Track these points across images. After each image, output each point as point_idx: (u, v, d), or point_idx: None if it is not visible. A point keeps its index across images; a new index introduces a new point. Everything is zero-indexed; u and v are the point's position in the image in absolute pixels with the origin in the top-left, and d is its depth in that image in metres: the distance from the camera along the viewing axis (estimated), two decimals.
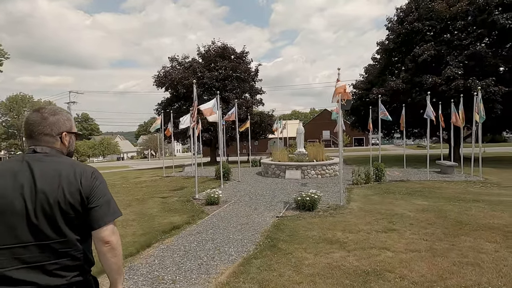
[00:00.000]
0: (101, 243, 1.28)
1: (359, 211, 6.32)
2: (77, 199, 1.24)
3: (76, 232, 1.26)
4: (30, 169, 1.23)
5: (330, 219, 5.73)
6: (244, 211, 6.76)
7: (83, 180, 1.27)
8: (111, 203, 1.33)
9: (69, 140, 1.42)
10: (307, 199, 6.47)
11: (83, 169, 1.31)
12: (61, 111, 1.43)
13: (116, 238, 1.31)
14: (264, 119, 24.59)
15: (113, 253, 1.30)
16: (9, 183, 1.21)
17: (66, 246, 1.23)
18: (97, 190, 1.29)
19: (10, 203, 1.19)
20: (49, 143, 1.34)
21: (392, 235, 4.67)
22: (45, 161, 1.27)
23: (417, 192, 8.48)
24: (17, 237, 1.18)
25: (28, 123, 1.34)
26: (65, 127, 1.39)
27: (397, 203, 7.12)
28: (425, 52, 16.61)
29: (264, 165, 14.08)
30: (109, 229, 1.28)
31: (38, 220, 1.19)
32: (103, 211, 1.28)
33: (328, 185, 10.31)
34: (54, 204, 1.20)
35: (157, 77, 24.66)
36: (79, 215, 1.25)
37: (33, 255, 1.19)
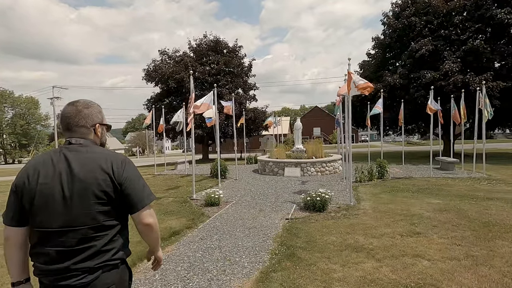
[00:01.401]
0: (141, 225, 1.39)
1: (373, 212, 5.87)
2: (109, 185, 1.30)
3: (110, 218, 1.32)
4: (66, 159, 1.31)
5: (345, 221, 5.24)
6: (248, 212, 6.20)
7: (114, 167, 1.32)
8: (145, 188, 1.40)
9: (101, 131, 1.49)
10: (318, 199, 5.97)
11: (114, 157, 1.37)
12: (93, 104, 1.48)
13: (154, 220, 1.42)
14: (258, 115, 23.99)
15: (153, 233, 1.44)
16: (50, 172, 1.29)
17: (101, 231, 1.30)
18: (129, 176, 1.35)
19: (52, 190, 1.27)
20: (84, 134, 1.41)
21: (420, 240, 4.22)
22: (80, 151, 1.34)
23: (425, 190, 8.12)
24: (57, 221, 1.26)
25: (65, 116, 1.40)
26: (97, 119, 1.46)
27: (410, 202, 6.72)
28: (423, 47, 16.39)
29: (261, 163, 13.53)
30: (147, 213, 1.38)
31: (75, 206, 1.26)
32: (139, 195, 1.35)
33: (331, 183, 9.87)
34: (89, 191, 1.27)
35: (147, 71, 23.68)
36: (112, 201, 1.31)
37: (71, 238, 1.26)
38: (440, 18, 17.21)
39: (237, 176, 11.89)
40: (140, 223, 1.38)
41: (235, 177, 11.78)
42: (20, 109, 53.39)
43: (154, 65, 23.68)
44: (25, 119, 53.48)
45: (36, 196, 1.28)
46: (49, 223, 1.26)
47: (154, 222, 1.41)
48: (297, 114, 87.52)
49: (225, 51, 24.61)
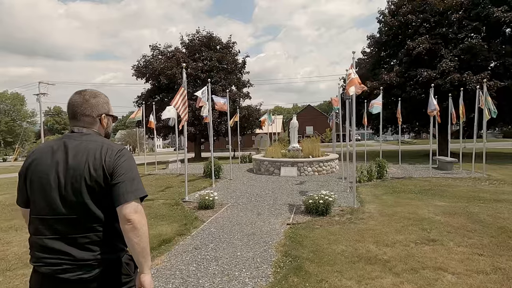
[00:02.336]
0: (123, 221, 1.24)
1: (380, 216, 5.48)
2: (100, 175, 1.25)
3: (103, 209, 1.27)
4: (65, 147, 1.30)
5: (352, 227, 4.84)
6: (246, 217, 5.74)
7: (107, 157, 1.27)
8: (136, 181, 1.29)
9: (107, 122, 1.47)
10: (320, 202, 5.55)
11: (110, 146, 1.32)
12: (100, 94, 1.45)
13: (139, 217, 1.25)
14: (252, 113, 23.51)
15: (135, 233, 1.24)
16: (48, 160, 1.29)
17: (93, 221, 1.25)
18: (120, 167, 1.28)
19: (48, 177, 1.27)
20: (89, 124, 1.39)
21: (437, 249, 3.84)
22: (79, 139, 1.32)
23: (428, 191, 7.82)
24: (53, 209, 1.25)
25: (71, 104, 1.39)
26: (104, 110, 1.44)
27: (415, 204, 6.37)
28: (420, 45, 16.17)
29: (256, 162, 13.08)
30: (131, 207, 1.24)
31: (68, 195, 1.24)
32: (125, 188, 1.25)
33: (330, 184, 9.50)
34: (81, 180, 1.24)
35: (137, 67, 22.91)
36: (104, 192, 1.26)
37: (65, 227, 1.24)
38: (436, 16, 17.03)
39: (232, 176, 11.41)
40: (122, 219, 1.23)
41: (229, 177, 11.31)
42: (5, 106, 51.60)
43: (145, 60, 22.93)
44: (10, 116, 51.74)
45: (34, 183, 1.29)
46: (45, 210, 1.26)
47: (138, 220, 1.24)
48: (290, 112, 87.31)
49: (219, 47, 24.01)
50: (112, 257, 1.28)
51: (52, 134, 68.77)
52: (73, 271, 1.22)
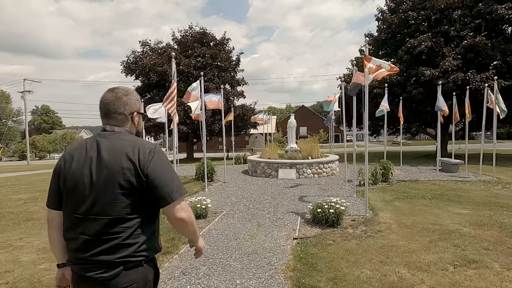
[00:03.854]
0: (173, 221, 1.28)
1: (399, 227, 4.75)
2: (134, 175, 1.22)
3: (134, 210, 1.24)
4: (97, 146, 1.28)
5: (371, 243, 4.08)
6: (244, 228, 4.94)
7: (140, 156, 1.24)
8: (175, 181, 1.29)
9: (138, 120, 1.45)
10: (331, 212, 4.79)
11: (142, 145, 1.29)
12: (132, 91, 1.45)
13: (188, 214, 1.29)
14: (246, 112, 22.70)
15: (187, 227, 1.33)
16: (82, 158, 1.28)
17: (124, 222, 1.22)
18: (156, 168, 1.25)
19: (81, 175, 1.25)
20: (121, 122, 1.38)
21: (483, 273, 3.11)
22: (111, 138, 1.31)
23: (442, 196, 7.15)
24: (85, 209, 1.23)
25: (104, 102, 1.38)
26: (135, 107, 1.43)
27: (434, 212, 5.68)
28: (422, 43, 15.63)
29: (252, 163, 12.29)
30: (178, 207, 1.26)
31: (101, 194, 1.22)
32: (168, 188, 1.24)
33: (332, 187, 8.77)
34: (113, 179, 1.21)
35: (126, 63, 21.88)
36: (137, 192, 1.23)
37: (96, 227, 1.21)
38: (438, 13, 16.53)
39: (226, 179, 10.59)
40: (172, 218, 1.27)
41: (223, 180, 10.48)
42: None
43: (134, 56, 21.92)
44: None
45: (67, 181, 1.28)
46: (77, 209, 1.25)
47: (187, 216, 1.29)
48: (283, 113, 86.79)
49: (212, 44, 23.16)
50: (136, 259, 1.25)
51: (39, 133, 66.68)
52: (93, 270, 1.22)
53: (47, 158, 51.23)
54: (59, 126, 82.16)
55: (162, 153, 1.32)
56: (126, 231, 1.22)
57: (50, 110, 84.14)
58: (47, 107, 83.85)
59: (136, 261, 1.24)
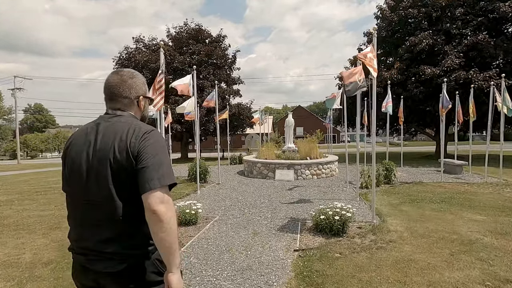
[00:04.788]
0: (147, 212, 1.08)
1: (412, 237, 4.24)
2: (124, 158, 1.13)
3: (129, 196, 1.13)
4: (96, 129, 1.22)
5: (383, 256, 3.55)
6: (238, 237, 4.39)
7: (132, 138, 1.15)
8: (163, 166, 1.13)
9: (144, 104, 1.38)
10: (336, 219, 4.26)
11: (138, 127, 1.20)
12: (137, 74, 1.38)
13: (165, 209, 1.07)
14: (243, 111, 22.14)
15: (160, 227, 1.06)
16: (81, 141, 1.23)
17: (117, 210, 1.13)
18: (145, 150, 1.13)
19: (80, 159, 1.20)
20: (126, 106, 1.31)
21: None
22: (110, 121, 1.25)
23: (451, 200, 6.67)
24: (82, 193, 1.17)
25: (108, 85, 1.32)
26: (141, 91, 1.36)
27: (446, 218, 5.18)
28: (423, 41, 15.21)
29: (248, 164, 11.74)
30: (156, 196, 1.07)
31: (94, 179, 1.15)
32: (149, 173, 1.09)
33: (333, 190, 8.25)
34: (106, 163, 1.14)
35: (118, 59, 21.18)
36: (129, 177, 1.12)
37: (92, 214, 1.16)
38: (439, 10, 16.14)
39: (220, 180, 10.02)
40: (147, 210, 1.07)
41: (217, 181, 9.92)
42: None
43: (127, 53, 21.23)
44: None
45: (68, 165, 1.24)
46: (76, 195, 1.21)
47: (164, 212, 1.06)
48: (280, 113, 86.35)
49: (208, 41, 22.56)
50: (140, 252, 1.14)
51: (31, 132, 65.41)
52: (99, 262, 1.13)
53: (39, 157, 50.14)
54: (52, 124, 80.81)
55: (159, 136, 1.21)
56: (125, 219, 1.13)
57: (43, 109, 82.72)
58: (40, 105, 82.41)
59: (141, 253, 1.15)
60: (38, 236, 4.55)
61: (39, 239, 4.41)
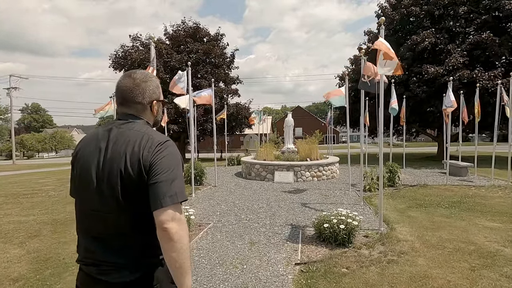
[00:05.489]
0: (159, 230, 1.02)
1: (425, 247, 3.85)
2: (136, 171, 1.07)
3: (138, 209, 1.07)
4: (108, 136, 1.16)
5: (395, 271, 3.16)
6: (234, 248, 3.98)
7: (145, 150, 1.09)
8: (176, 182, 1.07)
9: (157, 109, 1.29)
10: (341, 228, 3.86)
11: (152, 137, 1.13)
12: (151, 76, 1.28)
13: (177, 227, 1.01)
14: (241, 111, 21.73)
15: (171, 246, 1.00)
16: (91, 149, 1.17)
17: (127, 221, 1.08)
18: (158, 163, 1.07)
19: (89, 167, 1.14)
20: (139, 111, 1.23)
21: None
22: (122, 128, 1.18)
23: (460, 205, 6.29)
24: (92, 203, 1.12)
25: (121, 89, 1.22)
26: (155, 95, 1.26)
27: (459, 226, 4.80)
28: (425, 40, 14.86)
29: (246, 165, 11.34)
30: (168, 214, 1.01)
31: (104, 188, 1.10)
32: (161, 190, 1.03)
33: (335, 193, 7.86)
34: (117, 174, 1.08)
35: (115, 57, 20.75)
36: (139, 190, 1.07)
37: (101, 224, 1.11)
38: (441, 8, 15.81)
39: (217, 182, 9.61)
40: (158, 227, 1.02)
41: (214, 183, 9.51)
42: None
43: (123, 51, 20.79)
44: None
45: (78, 172, 1.18)
46: (85, 204, 1.15)
47: (175, 230, 1.00)
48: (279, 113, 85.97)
49: (206, 40, 22.15)
50: (153, 261, 1.10)
51: (28, 132, 64.85)
52: (110, 273, 1.08)
53: (35, 158, 49.58)
54: (50, 124, 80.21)
55: (173, 147, 1.14)
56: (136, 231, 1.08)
57: (41, 108, 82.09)
58: (37, 105, 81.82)
59: (155, 262, 1.10)
60: (13, 246, 4.14)
61: (13, 250, 3.99)
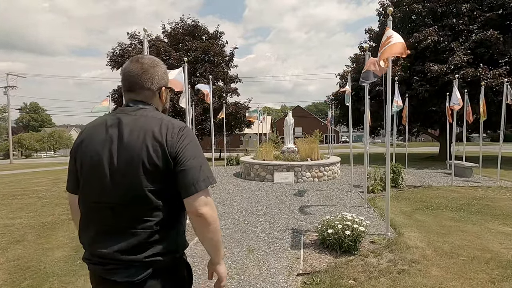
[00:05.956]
0: (192, 216, 1.05)
1: (437, 255, 3.56)
2: (160, 157, 1.03)
3: (162, 198, 1.04)
4: (119, 123, 1.09)
5: (408, 283, 2.87)
6: (231, 256, 3.68)
7: (168, 136, 1.06)
8: (203, 167, 1.07)
9: (166, 96, 1.25)
10: (346, 234, 3.57)
11: (170, 123, 1.10)
12: (159, 62, 1.22)
13: (210, 210, 1.06)
14: (240, 110, 21.43)
15: (207, 228, 1.05)
16: (101, 137, 1.09)
17: (148, 212, 1.03)
18: (185, 150, 1.06)
19: (101, 157, 1.07)
20: (148, 98, 1.18)
21: None
22: (135, 115, 1.11)
23: (469, 207, 6.01)
24: (104, 195, 1.05)
25: (129, 74, 1.17)
26: (164, 81, 1.22)
27: (470, 230, 4.51)
28: (428, 37, 14.57)
29: (245, 165, 11.05)
30: (201, 199, 1.04)
31: (122, 179, 1.03)
32: (192, 176, 1.03)
33: (337, 194, 7.58)
34: (138, 162, 1.02)
35: (112, 55, 20.43)
36: (164, 177, 1.04)
37: (116, 218, 1.04)
38: (444, 6, 15.52)
39: None
40: (193, 213, 1.04)
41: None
42: None
43: (121, 49, 20.48)
44: None
45: (84, 163, 1.09)
46: (94, 196, 1.07)
47: (211, 214, 1.05)
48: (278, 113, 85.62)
49: (204, 37, 21.84)
50: (166, 258, 1.05)
51: (26, 131, 64.47)
52: (118, 272, 1.02)
53: (33, 157, 49.24)
54: (49, 124, 79.79)
55: (192, 133, 1.13)
56: (152, 224, 1.02)
57: (39, 108, 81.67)
58: (36, 104, 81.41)
59: (167, 259, 1.05)
60: None
61: None
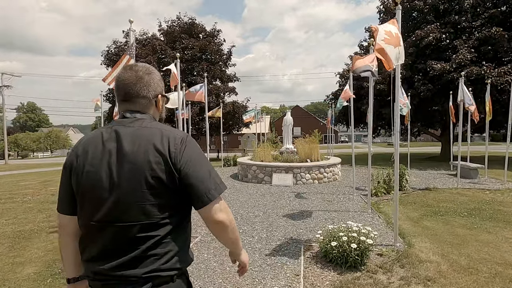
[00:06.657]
0: (211, 224, 1.06)
1: (453, 271, 3.16)
2: (164, 170, 0.99)
3: (165, 213, 1.01)
4: (117, 136, 1.04)
5: None
6: (223, 272, 3.28)
7: (171, 148, 1.02)
8: (212, 175, 1.07)
9: (162, 104, 1.20)
10: (352, 248, 3.18)
11: (171, 134, 1.06)
12: (154, 70, 1.18)
13: (227, 216, 1.07)
14: (238, 109, 21.02)
15: (226, 232, 1.08)
16: (98, 151, 1.04)
17: (150, 229, 0.99)
18: (190, 160, 1.03)
19: (99, 173, 1.02)
20: (144, 107, 1.13)
21: None
22: (133, 126, 1.07)
23: (480, 212, 5.62)
24: (105, 213, 0.99)
25: (123, 83, 1.11)
26: (159, 89, 1.17)
27: (485, 240, 4.12)
28: (430, 35, 14.20)
29: (242, 166, 10.64)
30: (217, 208, 1.04)
31: (123, 194, 0.98)
32: (204, 185, 1.02)
33: (339, 198, 7.18)
34: (139, 177, 0.98)
35: (107, 54, 19.98)
36: (168, 191, 1.01)
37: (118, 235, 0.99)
38: (446, 3, 15.16)
39: None
40: (210, 221, 1.05)
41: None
42: None
43: (116, 47, 20.04)
44: None
45: (81, 180, 1.04)
46: (94, 215, 1.01)
47: (227, 218, 1.07)
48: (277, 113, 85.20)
49: (201, 36, 21.42)
50: (167, 274, 1.01)
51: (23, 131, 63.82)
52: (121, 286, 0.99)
53: (30, 157, 48.67)
54: (46, 124, 79.16)
55: (195, 142, 1.10)
56: (154, 240, 0.98)
57: (37, 108, 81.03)
58: (33, 104, 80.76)
59: (167, 276, 1.01)
60: None
61: None
